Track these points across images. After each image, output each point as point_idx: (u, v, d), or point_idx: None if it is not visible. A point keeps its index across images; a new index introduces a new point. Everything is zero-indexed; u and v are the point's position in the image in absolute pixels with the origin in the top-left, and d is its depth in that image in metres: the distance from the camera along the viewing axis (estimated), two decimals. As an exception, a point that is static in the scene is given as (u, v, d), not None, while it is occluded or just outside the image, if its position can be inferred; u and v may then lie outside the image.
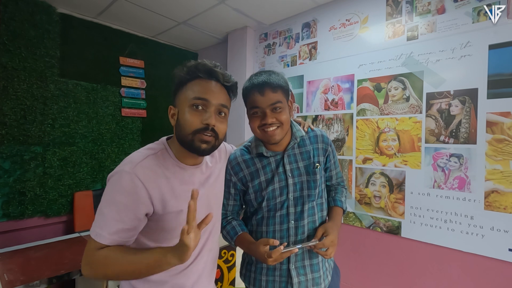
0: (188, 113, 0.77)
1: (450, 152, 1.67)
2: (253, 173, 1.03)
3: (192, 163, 0.85)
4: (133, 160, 0.76)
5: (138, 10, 2.42)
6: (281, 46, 2.58)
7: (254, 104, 0.95)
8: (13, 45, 2.10)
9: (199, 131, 0.77)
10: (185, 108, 0.78)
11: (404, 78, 1.84)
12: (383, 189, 1.93)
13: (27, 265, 1.34)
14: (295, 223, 1.01)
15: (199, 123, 0.77)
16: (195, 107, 0.78)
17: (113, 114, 2.68)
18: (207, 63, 0.82)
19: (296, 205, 1.01)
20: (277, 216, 1.01)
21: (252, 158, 1.04)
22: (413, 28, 1.82)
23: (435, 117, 1.72)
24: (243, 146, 1.10)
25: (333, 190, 1.16)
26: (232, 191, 1.06)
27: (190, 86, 0.80)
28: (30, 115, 2.19)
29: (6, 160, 2.10)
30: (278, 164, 1.02)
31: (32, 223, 2.24)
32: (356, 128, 2.06)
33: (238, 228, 1.04)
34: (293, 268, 1.00)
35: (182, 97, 0.80)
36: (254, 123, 0.97)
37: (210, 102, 0.79)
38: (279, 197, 1.01)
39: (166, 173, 0.78)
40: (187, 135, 0.77)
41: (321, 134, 1.10)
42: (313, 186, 1.02)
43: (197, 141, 0.77)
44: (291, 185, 1.01)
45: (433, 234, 1.72)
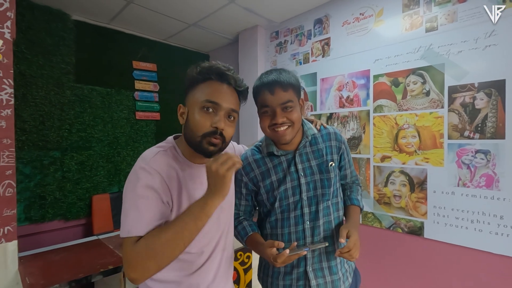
0: (198, 115, 0.77)
1: (475, 148, 1.58)
2: (264, 173, 1.01)
3: (199, 162, 0.85)
4: (145, 157, 0.78)
5: (149, 14, 2.43)
6: (292, 43, 2.54)
7: (264, 103, 0.93)
8: (30, 53, 2.16)
9: (208, 134, 0.77)
10: (195, 109, 0.78)
11: (423, 71, 1.76)
12: (403, 188, 1.85)
13: (47, 269, 1.36)
14: (311, 224, 0.98)
15: (208, 126, 0.77)
16: (206, 109, 0.77)
17: (128, 117, 2.71)
18: (220, 66, 0.81)
19: (310, 205, 0.98)
20: (291, 218, 0.99)
21: (263, 158, 1.02)
22: (432, 19, 1.73)
23: (459, 112, 1.63)
24: (254, 146, 1.08)
25: (348, 188, 1.12)
26: (243, 191, 1.05)
27: (201, 88, 0.80)
28: (48, 121, 2.25)
29: (26, 165, 2.16)
30: (289, 164, 1.00)
31: (53, 226, 2.29)
32: (373, 125, 1.99)
33: (249, 228, 1.02)
34: (310, 270, 0.97)
35: (193, 98, 0.80)
36: (264, 122, 0.95)
37: (221, 106, 0.78)
38: (291, 197, 0.98)
39: (176, 169, 0.79)
40: (195, 137, 0.77)
41: (333, 132, 1.06)
42: (326, 185, 0.99)
43: (205, 143, 0.77)
44: (303, 185, 0.98)
45: (459, 235, 1.63)
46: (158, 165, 0.76)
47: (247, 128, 2.79)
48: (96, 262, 1.43)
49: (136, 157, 2.80)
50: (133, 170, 0.76)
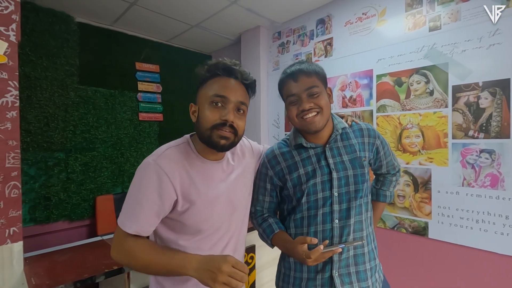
0: (207, 110, 0.80)
1: (480, 147, 1.57)
2: (291, 166, 0.95)
3: (212, 158, 0.87)
4: (156, 152, 0.80)
5: (152, 15, 2.45)
6: (295, 44, 2.54)
7: (290, 92, 0.91)
8: (35, 55, 2.17)
9: (217, 126, 0.78)
10: (205, 105, 0.80)
11: (427, 71, 1.75)
12: (407, 188, 1.84)
13: (52, 269, 1.37)
14: (340, 223, 0.91)
15: (217, 119, 0.79)
16: (215, 104, 0.80)
17: (131, 119, 2.72)
18: (226, 61, 0.83)
19: (341, 202, 0.92)
20: (319, 215, 0.91)
21: (291, 151, 0.98)
22: (435, 18, 1.73)
23: (463, 111, 1.62)
24: (281, 140, 1.05)
25: (380, 181, 1.11)
26: (268, 186, 1.00)
27: (209, 84, 0.82)
28: (53, 123, 2.26)
29: (31, 166, 2.17)
30: (319, 158, 0.94)
31: (57, 227, 2.31)
32: (376, 125, 1.98)
33: (275, 225, 0.97)
34: (336, 275, 0.89)
35: (202, 95, 0.83)
36: (292, 112, 0.92)
37: (229, 99, 0.80)
38: (320, 192, 0.92)
39: (186, 165, 0.81)
40: (205, 130, 0.79)
41: (366, 127, 1.01)
42: (360, 181, 0.93)
43: (216, 136, 0.79)
44: (335, 180, 0.91)
45: (464, 235, 1.62)
46: (165, 163, 0.77)
47: (249, 126, 2.79)
48: (101, 262, 1.43)
49: (140, 158, 2.82)
50: (145, 162, 0.79)
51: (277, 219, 1.02)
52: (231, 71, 0.83)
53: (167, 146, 0.83)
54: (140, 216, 0.76)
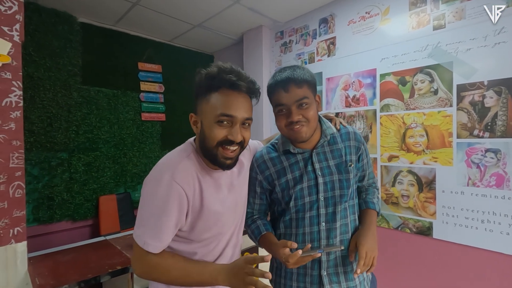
0: (214, 129, 0.76)
1: (485, 147, 1.55)
2: (280, 171, 0.98)
3: (215, 168, 0.85)
4: (171, 164, 0.78)
5: (154, 15, 2.44)
6: (297, 43, 2.53)
7: (279, 102, 0.90)
8: (38, 56, 2.18)
9: (223, 142, 0.77)
10: (210, 123, 0.77)
11: (431, 70, 1.74)
12: (411, 188, 1.83)
13: (56, 269, 1.37)
14: (327, 225, 0.95)
15: (224, 137, 0.77)
16: (221, 122, 0.76)
17: (134, 119, 2.73)
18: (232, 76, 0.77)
19: (327, 206, 0.95)
20: (306, 218, 0.96)
21: (279, 156, 1.00)
22: (439, 16, 1.71)
23: (468, 110, 1.61)
24: (269, 144, 1.05)
25: (364, 191, 1.09)
26: (258, 190, 1.03)
27: (214, 97, 0.77)
28: (56, 123, 2.27)
29: (34, 166, 2.18)
30: (306, 163, 0.97)
31: (61, 227, 2.31)
32: (380, 124, 1.97)
33: (263, 227, 1.00)
34: (325, 274, 0.94)
35: (205, 108, 0.78)
36: (280, 121, 0.93)
37: (236, 118, 0.77)
38: (307, 197, 0.95)
39: (199, 177, 0.80)
40: (211, 148, 0.77)
41: (353, 131, 1.03)
42: (345, 186, 0.96)
43: (221, 157, 0.78)
44: (321, 184, 0.95)
45: (469, 235, 1.60)
46: (183, 177, 0.76)
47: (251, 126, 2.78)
48: (104, 262, 1.43)
49: (142, 158, 2.82)
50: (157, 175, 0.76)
51: (265, 220, 1.05)
52: (238, 86, 0.77)
53: (179, 158, 0.80)
54: (164, 235, 0.75)
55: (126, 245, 1.66)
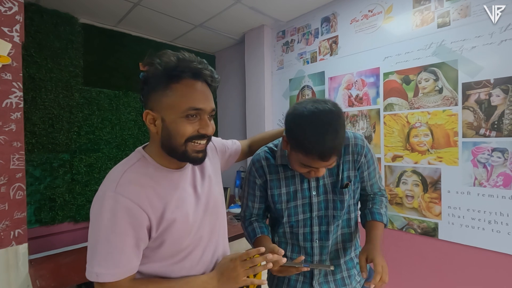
0: (182, 124, 0.68)
1: (492, 146, 1.52)
2: (274, 181, 0.97)
3: (175, 167, 0.77)
4: (112, 179, 0.69)
5: (155, 15, 2.44)
6: (299, 43, 2.51)
7: (310, 165, 0.81)
8: (39, 57, 2.17)
9: (193, 138, 0.70)
10: (177, 118, 0.68)
11: (435, 68, 1.71)
12: (416, 188, 1.80)
13: (57, 271, 1.36)
14: (320, 243, 0.96)
15: (194, 132, 0.70)
16: (190, 117, 0.69)
17: (135, 119, 2.72)
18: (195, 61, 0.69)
19: (320, 224, 0.95)
20: (300, 234, 0.96)
21: (276, 166, 0.98)
22: (444, 14, 1.69)
23: (473, 109, 1.58)
24: (268, 148, 1.02)
25: (370, 200, 1.04)
26: (257, 193, 1.01)
27: (175, 90, 0.68)
28: (58, 124, 2.26)
29: (36, 168, 2.17)
30: (302, 179, 0.95)
31: (63, 228, 2.30)
32: (383, 124, 1.95)
33: (258, 230, 1.00)
34: (316, 284, 0.96)
35: (167, 102, 0.68)
36: (301, 170, 0.85)
37: (205, 110, 0.70)
38: (301, 214, 0.95)
39: (151, 183, 0.71)
40: (179, 145, 0.69)
41: (354, 143, 0.95)
42: (339, 207, 0.94)
43: (192, 152, 0.71)
44: (315, 204, 0.94)
45: (476, 236, 1.57)
46: (129, 188, 0.67)
47: (253, 126, 2.77)
48: (106, 264, 1.43)
49: (144, 159, 2.79)
50: (99, 194, 0.68)
51: (263, 223, 1.04)
52: (200, 75, 0.70)
53: (121, 169, 0.71)
54: (120, 258, 0.65)
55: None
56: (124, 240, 0.65)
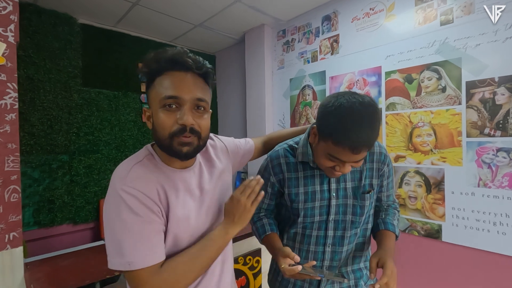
0: (161, 114, 0.67)
1: (497, 146, 1.49)
2: (293, 180, 0.93)
3: (179, 167, 0.75)
4: (120, 175, 0.68)
5: (154, 15, 2.42)
6: (300, 42, 2.48)
7: (339, 156, 0.77)
8: (38, 57, 2.16)
9: (176, 133, 0.67)
10: (157, 109, 0.68)
11: (438, 67, 1.68)
12: (419, 189, 1.76)
13: (53, 275, 1.34)
14: (332, 248, 0.91)
15: (174, 124, 0.67)
16: (168, 107, 0.67)
17: (135, 120, 2.70)
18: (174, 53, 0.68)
19: (336, 228, 0.91)
20: (313, 236, 0.92)
21: (296, 164, 0.94)
22: (447, 11, 1.65)
23: (478, 108, 1.54)
24: (287, 146, 0.98)
25: (383, 211, 1.00)
26: (269, 190, 0.98)
27: (158, 82, 0.68)
28: (56, 125, 2.25)
29: (35, 169, 2.16)
30: (322, 181, 0.91)
31: (62, 230, 2.29)
32: (385, 124, 1.91)
33: (268, 227, 0.97)
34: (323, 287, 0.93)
35: (152, 96, 0.69)
36: (325, 163, 0.82)
37: (183, 99, 0.67)
38: (317, 216, 0.91)
39: (157, 180, 0.70)
40: (164, 139, 0.68)
41: (379, 151, 0.93)
42: (359, 213, 0.90)
43: (177, 144, 0.68)
44: (333, 206, 0.90)
45: (481, 238, 1.54)
46: (137, 182, 0.66)
47: (254, 126, 2.74)
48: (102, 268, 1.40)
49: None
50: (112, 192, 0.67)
51: (272, 220, 1.02)
52: (179, 62, 0.68)
53: (129, 164, 0.70)
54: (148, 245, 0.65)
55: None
56: (148, 228, 0.66)
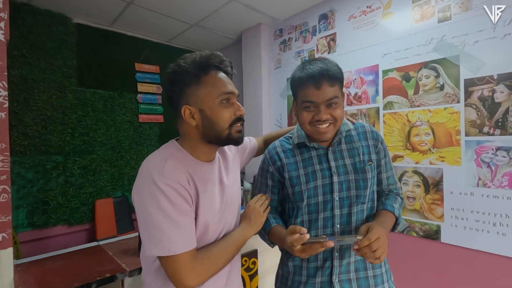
0: (221, 109, 0.76)
1: (496, 145, 1.46)
2: (291, 165, 0.93)
3: (206, 160, 0.82)
4: (156, 168, 0.72)
5: (150, 14, 2.40)
6: (297, 41, 2.46)
7: (308, 99, 0.83)
8: (32, 57, 2.14)
9: (234, 122, 0.78)
10: (214, 105, 0.76)
11: (436, 64, 1.65)
12: (417, 189, 1.73)
13: (43, 277, 1.31)
14: (341, 227, 0.88)
15: (232, 116, 0.78)
16: (225, 102, 0.77)
17: (131, 120, 2.68)
18: (212, 54, 0.79)
19: (342, 206, 0.88)
20: (319, 219, 0.89)
21: (293, 150, 0.95)
22: (444, 8, 1.63)
23: (476, 106, 1.52)
24: (284, 137, 1.01)
25: (384, 196, 0.98)
26: (269, 183, 0.97)
27: (206, 81, 0.76)
28: (51, 125, 2.23)
29: (29, 170, 2.14)
30: (321, 160, 0.91)
31: (56, 232, 2.26)
32: (383, 123, 1.89)
33: (272, 220, 0.94)
34: (336, 281, 0.86)
35: (201, 94, 0.76)
36: (304, 117, 0.86)
37: (234, 93, 0.79)
38: (321, 196, 0.89)
39: (190, 172, 0.76)
40: (224, 129, 0.77)
41: (370, 130, 0.96)
42: (362, 186, 0.89)
43: (235, 133, 0.78)
44: (336, 183, 0.88)
45: (480, 239, 1.51)
46: (173, 174, 0.72)
47: (251, 126, 2.72)
48: (94, 270, 1.37)
49: (140, 160, 2.77)
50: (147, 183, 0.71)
51: (276, 214, 0.99)
52: (224, 63, 0.80)
53: (163, 157, 0.75)
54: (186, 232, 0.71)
55: (118, 251, 1.60)
56: (185, 216, 0.71)
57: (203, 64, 0.76)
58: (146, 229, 0.71)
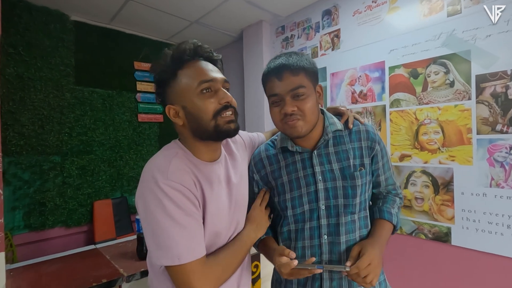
0: (202, 100, 0.70)
1: (510, 143, 1.39)
2: (275, 172, 0.87)
3: (210, 159, 0.78)
4: (160, 169, 0.68)
5: (149, 12, 2.34)
6: (299, 38, 2.40)
7: (272, 92, 0.80)
8: (28, 55, 2.09)
9: (219, 111, 0.71)
10: (194, 98, 0.70)
11: (446, 60, 1.59)
12: (426, 189, 1.67)
13: (37, 282, 1.26)
14: (329, 239, 0.81)
15: (217, 105, 0.71)
16: (205, 91, 0.71)
17: (130, 120, 2.63)
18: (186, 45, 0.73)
19: (329, 216, 0.82)
20: (306, 229, 0.83)
21: (276, 154, 0.89)
22: (454, 1, 1.57)
23: (489, 103, 1.45)
24: (269, 140, 0.95)
25: (381, 198, 0.92)
26: (256, 190, 0.92)
27: (182, 75, 0.71)
28: (48, 125, 2.17)
29: (25, 170, 2.08)
30: (305, 165, 0.84)
31: (53, 234, 2.21)
32: (389, 121, 1.82)
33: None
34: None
35: (179, 89, 0.72)
36: (274, 114, 0.81)
37: (217, 79, 0.72)
38: (306, 205, 0.83)
39: (194, 172, 0.72)
40: (208, 122, 0.70)
41: (365, 129, 0.87)
42: (351, 194, 0.81)
43: (223, 124, 0.71)
44: (321, 191, 0.82)
45: (493, 242, 1.44)
46: (178, 175, 0.68)
47: (252, 124, 2.66)
48: (90, 274, 1.31)
49: (139, 160, 2.71)
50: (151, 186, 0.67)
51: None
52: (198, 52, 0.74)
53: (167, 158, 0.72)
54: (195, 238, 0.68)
55: (116, 254, 1.54)
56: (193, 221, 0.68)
57: (176, 57, 0.71)
58: (152, 236, 0.67)
